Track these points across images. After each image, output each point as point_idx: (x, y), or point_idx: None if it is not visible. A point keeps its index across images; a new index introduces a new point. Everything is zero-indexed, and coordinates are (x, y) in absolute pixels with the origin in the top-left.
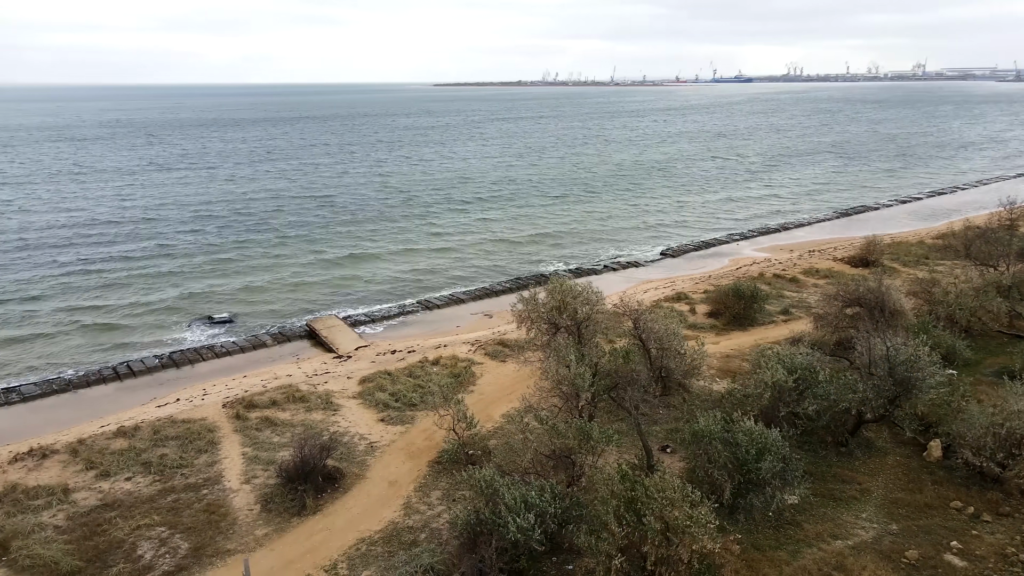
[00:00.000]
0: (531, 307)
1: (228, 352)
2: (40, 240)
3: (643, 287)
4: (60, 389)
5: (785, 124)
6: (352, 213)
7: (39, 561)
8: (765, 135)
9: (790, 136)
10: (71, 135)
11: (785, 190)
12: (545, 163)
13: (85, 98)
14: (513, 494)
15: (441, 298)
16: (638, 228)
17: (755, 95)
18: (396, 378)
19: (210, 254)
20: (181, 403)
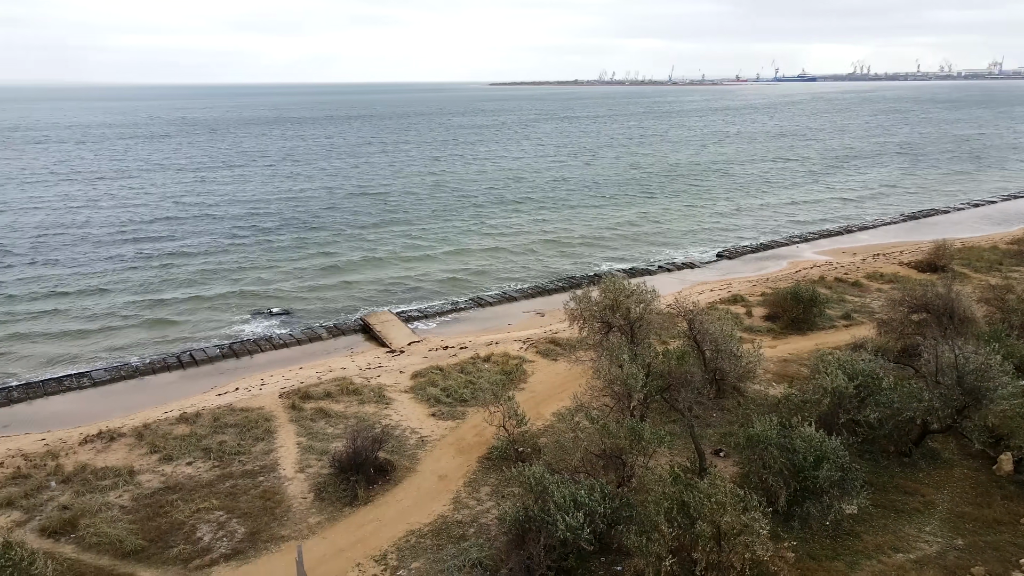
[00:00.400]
0: (584, 305)
1: (285, 344)
2: (106, 234)
3: (698, 288)
4: (128, 375)
5: (850, 124)
6: (405, 211)
7: (105, 539)
8: (828, 136)
9: (855, 137)
10: (139, 133)
11: (849, 192)
12: (599, 163)
13: (153, 97)
14: (562, 492)
15: (493, 296)
16: (694, 230)
17: (818, 94)
18: (447, 374)
19: (268, 250)
20: (240, 392)
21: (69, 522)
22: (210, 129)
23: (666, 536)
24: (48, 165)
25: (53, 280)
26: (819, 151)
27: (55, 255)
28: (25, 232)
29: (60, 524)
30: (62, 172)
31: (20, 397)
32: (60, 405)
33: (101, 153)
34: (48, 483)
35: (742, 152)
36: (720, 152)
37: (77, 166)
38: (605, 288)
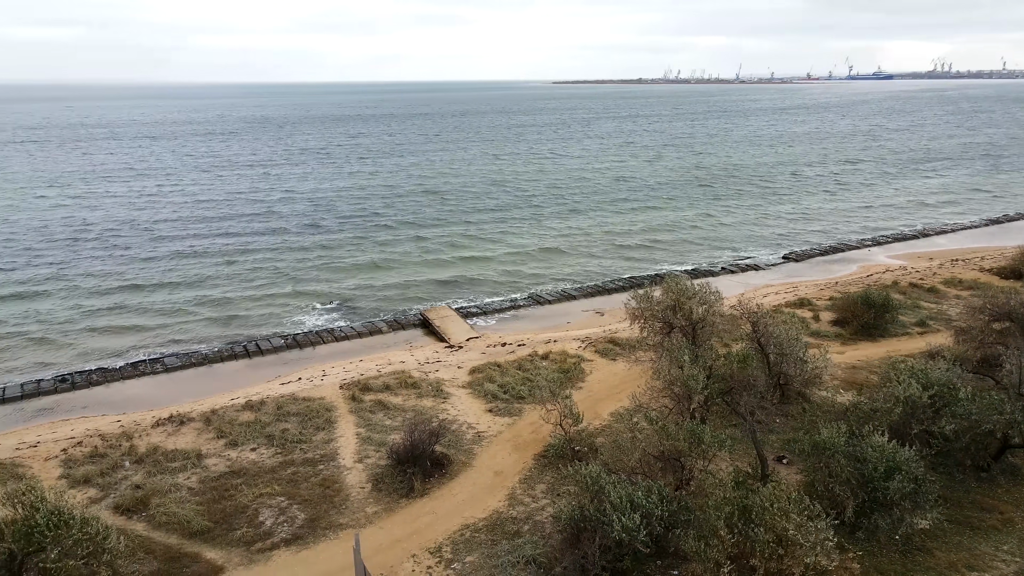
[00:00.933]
0: (645, 304)
1: (346, 336)
2: (174, 229)
3: (762, 291)
4: (197, 363)
5: (928, 124)
6: (464, 210)
7: (174, 519)
8: (905, 136)
9: (933, 137)
10: (211, 130)
11: (926, 195)
12: (662, 163)
13: (228, 96)
14: (619, 493)
15: (552, 293)
16: (758, 232)
17: (894, 93)
18: (505, 370)
19: (328, 246)
20: (302, 382)
21: (141, 501)
22: (278, 126)
23: (725, 542)
24: (128, 162)
25: (124, 273)
26: (894, 152)
27: (126, 249)
28: (100, 226)
29: (132, 502)
30: (138, 168)
31: (98, 380)
32: (135, 389)
33: (175, 150)
34: (122, 463)
35: (811, 152)
36: (787, 152)
37: (152, 163)
38: (667, 288)
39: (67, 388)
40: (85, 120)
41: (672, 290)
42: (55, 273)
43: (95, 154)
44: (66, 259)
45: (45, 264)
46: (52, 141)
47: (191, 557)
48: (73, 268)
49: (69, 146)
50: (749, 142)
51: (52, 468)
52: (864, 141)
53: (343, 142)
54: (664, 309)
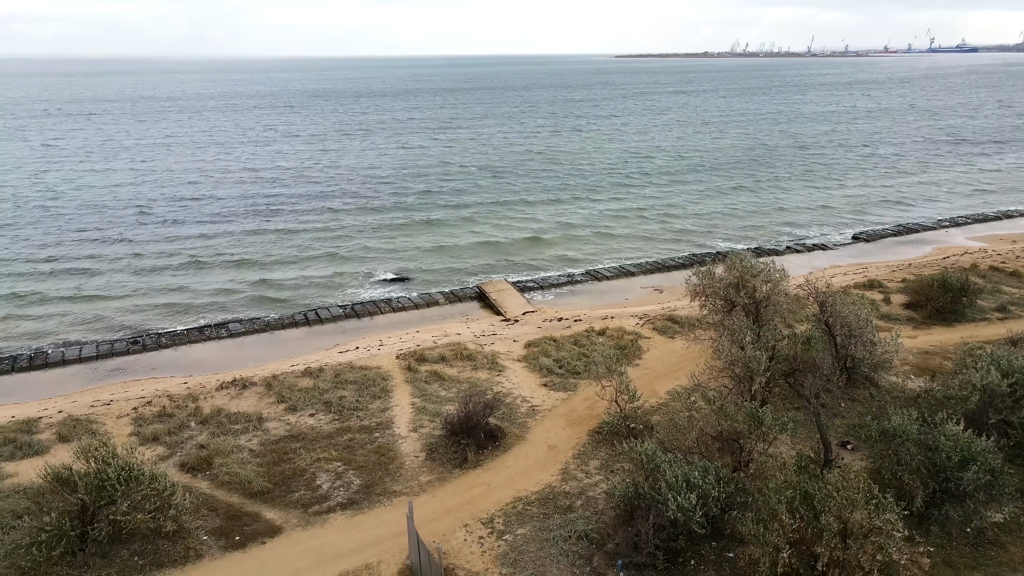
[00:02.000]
0: (707, 281)
1: (403, 307)
2: (236, 203)
3: (830, 271)
4: (260, 329)
5: (1014, 100)
6: (520, 187)
7: (236, 479)
8: (986, 113)
9: (1020, 113)
10: (272, 104)
11: (1009, 175)
12: (725, 140)
13: (289, 69)
14: (675, 471)
15: (610, 269)
16: (826, 209)
17: (977, 67)
18: (561, 345)
19: (387, 219)
20: (360, 351)
21: (205, 460)
22: (337, 100)
23: (786, 527)
24: (191, 134)
25: (189, 243)
26: (974, 130)
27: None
28: (166, 198)
29: (197, 461)
30: (202, 142)
31: (167, 343)
32: (201, 353)
33: (239, 122)
34: (188, 423)
35: (883, 129)
36: (858, 128)
37: (216, 136)
38: (730, 265)
39: (138, 350)
40: (155, 93)
41: (736, 267)
42: (126, 236)
43: (156, 127)
44: (136, 228)
45: (116, 231)
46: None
47: (251, 516)
48: (141, 238)
49: (144, 117)
50: (818, 116)
51: (124, 426)
52: (942, 117)
53: (402, 116)
54: (726, 287)
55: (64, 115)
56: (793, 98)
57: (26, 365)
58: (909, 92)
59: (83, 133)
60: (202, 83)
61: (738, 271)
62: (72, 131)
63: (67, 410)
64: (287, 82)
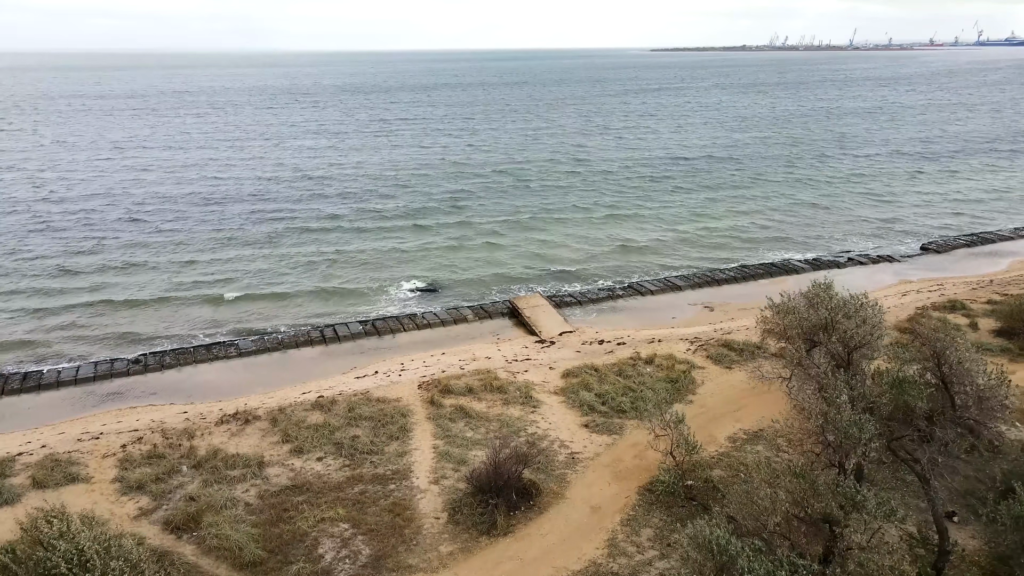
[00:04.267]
0: (788, 320)
1: (428, 324)
2: (257, 201)
3: (901, 288)
4: (272, 347)
5: None
6: (550, 190)
7: (225, 543)
8: None
9: None
10: (302, 99)
11: None
12: (768, 137)
13: (325, 63)
14: (755, 569)
15: (654, 283)
16: (884, 216)
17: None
18: (603, 375)
19: (411, 224)
20: (379, 376)
21: (193, 517)
22: (364, 95)
23: None
24: (219, 127)
25: (200, 246)
26: None
27: (201, 222)
28: (183, 196)
29: (184, 519)
30: (225, 136)
31: (171, 363)
32: (206, 374)
33: (279, 114)
34: (180, 467)
35: (934, 125)
36: (908, 126)
37: (238, 133)
38: (815, 299)
39: (139, 371)
40: (191, 87)
41: (823, 304)
42: (143, 241)
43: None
44: (152, 230)
45: (132, 234)
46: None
47: None
48: (153, 238)
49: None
50: (861, 113)
51: (108, 468)
52: (1003, 114)
53: (429, 114)
54: (812, 327)
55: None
56: (832, 93)
57: (17, 387)
58: (960, 86)
59: (57, 129)
60: (238, 78)
61: (827, 311)
62: (80, 126)
63: (51, 444)
64: (321, 76)
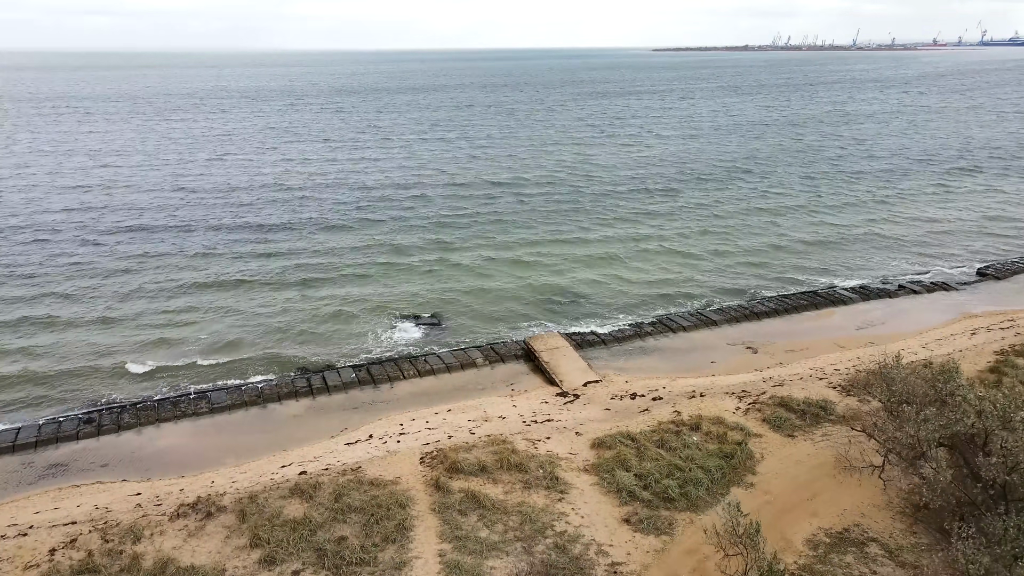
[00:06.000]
0: (919, 429)
1: (432, 370)
2: (237, 216)
3: (966, 324)
4: (250, 401)
5: None
6: (559, 207)
7: None
8: None
9: None
10: (296, 100)
11: None
12: (787, 144)
13: (325, 63)
14: None
15: (686, 317)
16: (926, 233)
17: None
18: (642, 448)
19: (410, 247)
20: (373, 443)
21: None
22: (359, 96)
23: None
24: (199, 133)
25: (181, 270)
26: None
27: (170, 245)
28: (152, 215)
29: None
30: (203, 145)
31: (130, 423)
32: (170, 437)
33: (267, 118)
34: None
35: (954, 132)
36: (925, 132)
37: (232, 137)
38: (937, 386)
39: (91, 433)
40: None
41: (968, 407)
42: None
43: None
44: (106, 253)
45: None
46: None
47: None
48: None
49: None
50: (871, 117)
51: None
52: (1008, 122)
53: (419, 116)
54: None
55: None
56: (838, 95)
57: None
58: (971, 88)
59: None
60: (237, 78)
61: (975, 414)
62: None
63: None
64: (320, 77)
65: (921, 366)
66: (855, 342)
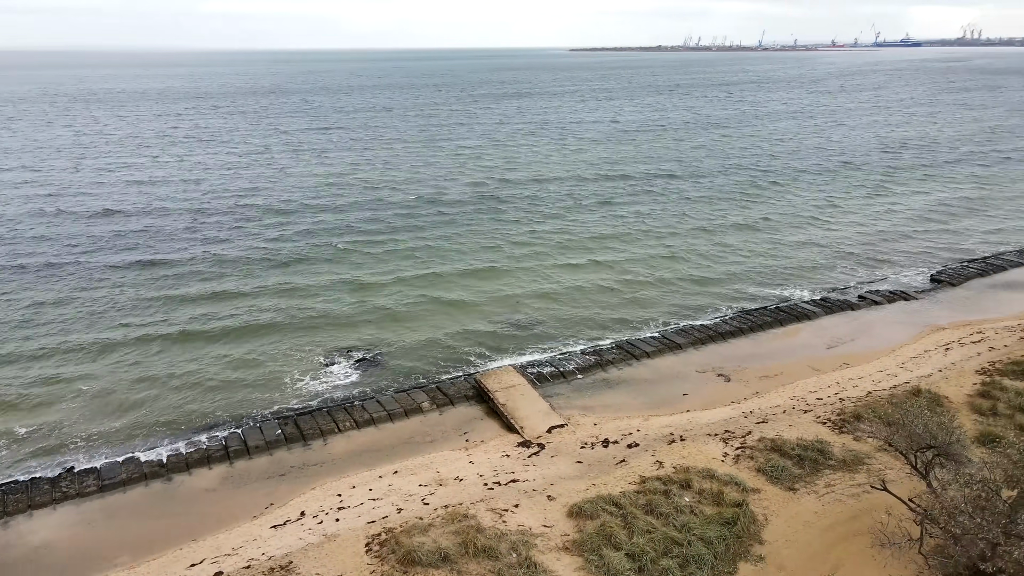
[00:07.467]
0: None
1: (372, 419)
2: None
3: (936, 339)
4: (151, 474)
5: (978, 101)
6: (489, 215)
7: None
8: (956, 115)
9: (992, 115)
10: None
11: None
12: (705, 146)
13: (235, 63)
14: None
15: (649, 341)
16: (866, 236)
17: (924, 61)
18: (629, 516)
19: (339, 269)
20: (306, 524)
21: None
22: (270, 98)
23: None
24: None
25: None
26: (952, 136)
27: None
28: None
29: None
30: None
31: None
32: (43, 530)
33: (167, 121)
34: None
35: (865, 134)
36: (839, 135)
37: (124, 142)
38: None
39: None
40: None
41: None
42: None
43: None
44: None
45: None
46: None
47: None
48: None
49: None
50: (787, 115)
51: None
52: (921, 122)
53: (346, 123)
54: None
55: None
56: (750, 95)
57: None
58: (871, 89)
59: None
60: (145, 79)
61: None
62: None
63: None
64: (228, 77)
65: (911, 394)
66: (829, 363)
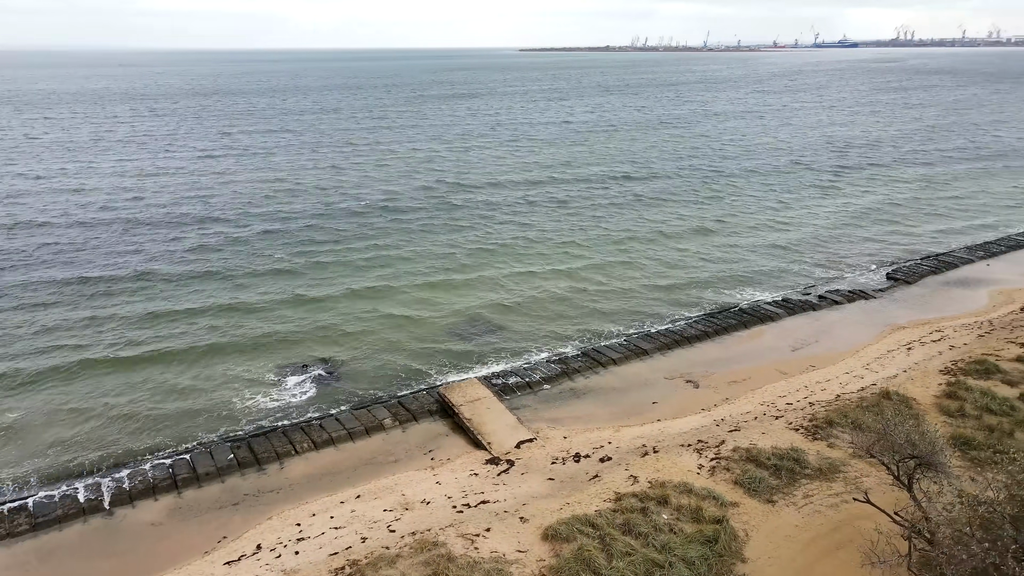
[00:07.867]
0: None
1: (331, 439)
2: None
3: (898, 338)
4: (89, 509)
5: (915, 100)
6: (441, 218)
7: None
8: (897, 114)
9: (930, 113)
10: (141, 103)
11: (999, 189)
12: (656, 146)
13: (184, 63)
14: None
15: (615, 348)
16: (818, 234)
17: (861, 62)
18: (607, 537)
19: (290, 276)
20: (263, 560)
21: None
22: (212, 98)
23: None
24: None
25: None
26: (896, 135)
27: None
28: None
29: None
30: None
31: None
32: None
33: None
34: None
35: (812, 133)
36: (787, 133)
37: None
38: None
39: None
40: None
41: None
42: None
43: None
44: None
45: None
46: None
47: None
48: None
49: None
50: (737, 115)
51: None
52: (864, 120)
53: (293, 126)
54: None
55: None
56: (700, 95)
57: None
58: (815, 90)
59: None
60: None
61: None
62: None
63: None
64: (172, 77)
65: (881, 396)
66: (796, 366)
